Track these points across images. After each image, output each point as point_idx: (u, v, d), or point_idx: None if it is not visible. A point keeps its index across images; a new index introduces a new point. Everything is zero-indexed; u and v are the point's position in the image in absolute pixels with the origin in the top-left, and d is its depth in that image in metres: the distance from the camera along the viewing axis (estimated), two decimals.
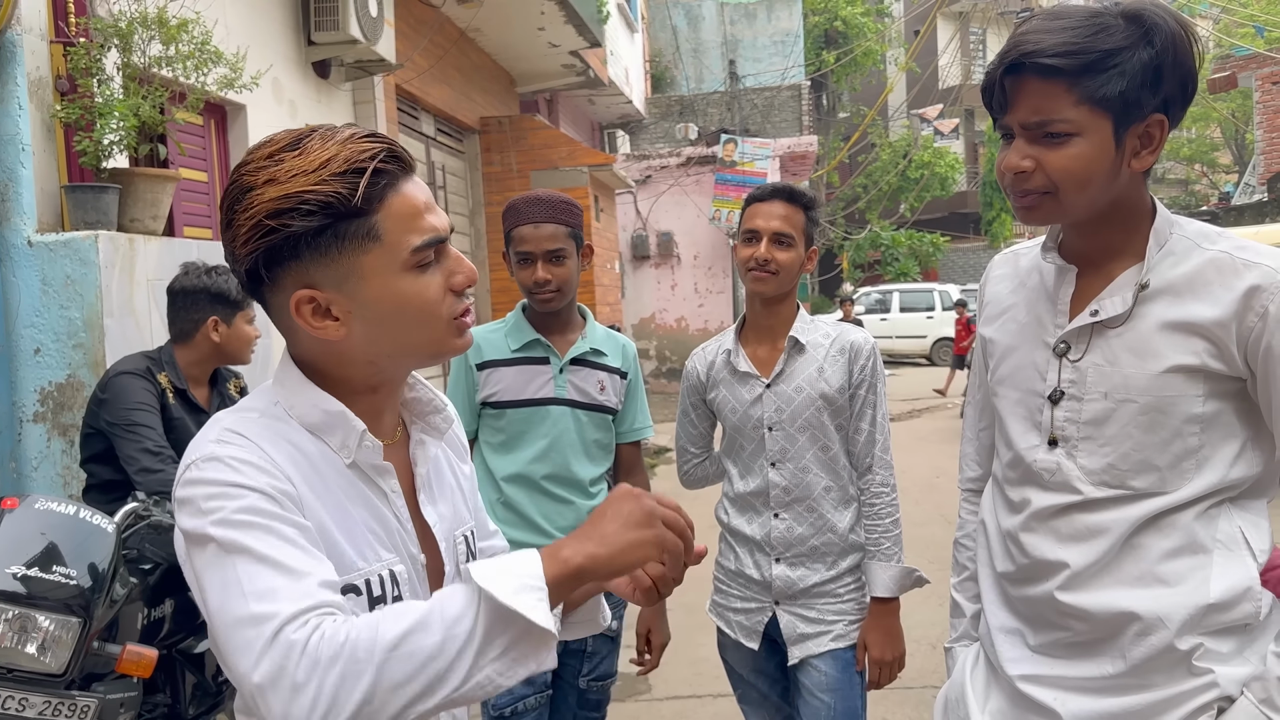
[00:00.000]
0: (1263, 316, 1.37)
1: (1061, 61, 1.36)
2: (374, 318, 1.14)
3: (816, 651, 2.36)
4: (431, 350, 1.19)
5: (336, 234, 1.10)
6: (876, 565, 2.35)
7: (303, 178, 1.08)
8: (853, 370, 2.38)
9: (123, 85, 3.88)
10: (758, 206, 2.41)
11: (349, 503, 1.17)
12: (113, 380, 2.96)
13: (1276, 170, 15.03)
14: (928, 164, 27.01)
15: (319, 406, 1.17)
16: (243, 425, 1.13)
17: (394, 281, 1.13)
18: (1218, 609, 1.41)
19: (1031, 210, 1.47)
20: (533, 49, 10.93)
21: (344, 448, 1.17)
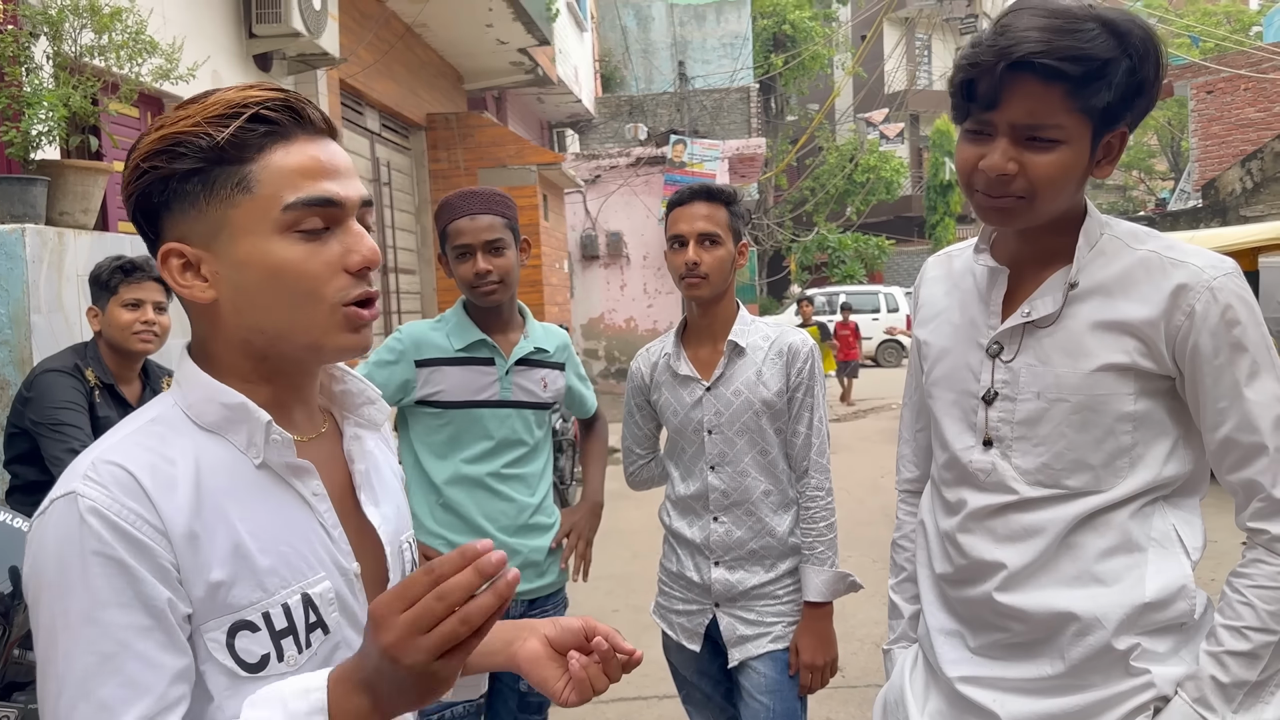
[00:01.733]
0: (1189, 316, 1.39)
1: (1067, 66, 1.32)
2: (242, 284, 1.02)
3: (755, 653, 2.36)
4: (310, 339, 1.03)
5: (205, 180, 1.00)
6: (810, 569, 2.34)
7: (185, 121, 1.00)
8: (790, 373, 2.36)
9: (53, 74, 3.76)
10: (679, 211, 2.39)
11: (261, 515, 1.03)
12: (39, 378, 2.87)
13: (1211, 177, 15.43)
14: (874, 168, 27.30)
15: (215, 400, 1.03)
16: (120, 449, 0.98)
17: (265, 243, 1.01)
18: (1153, 608, 1.42)
19: (1004, 213, 1.44)
20: (480, 45, 10.85)
21: (250, 446, 1.04)
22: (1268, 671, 1.35)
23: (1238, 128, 16.70)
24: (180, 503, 0.97)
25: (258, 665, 1.00)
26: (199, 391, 1.04)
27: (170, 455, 0.99)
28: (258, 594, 1.01)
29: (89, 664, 0.90)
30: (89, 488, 0.94)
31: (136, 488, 0.95)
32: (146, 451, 0.98)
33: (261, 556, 1.01)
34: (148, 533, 0.94)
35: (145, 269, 2.99)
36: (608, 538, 6.87)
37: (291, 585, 1.03)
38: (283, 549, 1.04)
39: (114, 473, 0.95)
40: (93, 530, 0.92)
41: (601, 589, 5.59)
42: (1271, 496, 1.37)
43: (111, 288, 2.95)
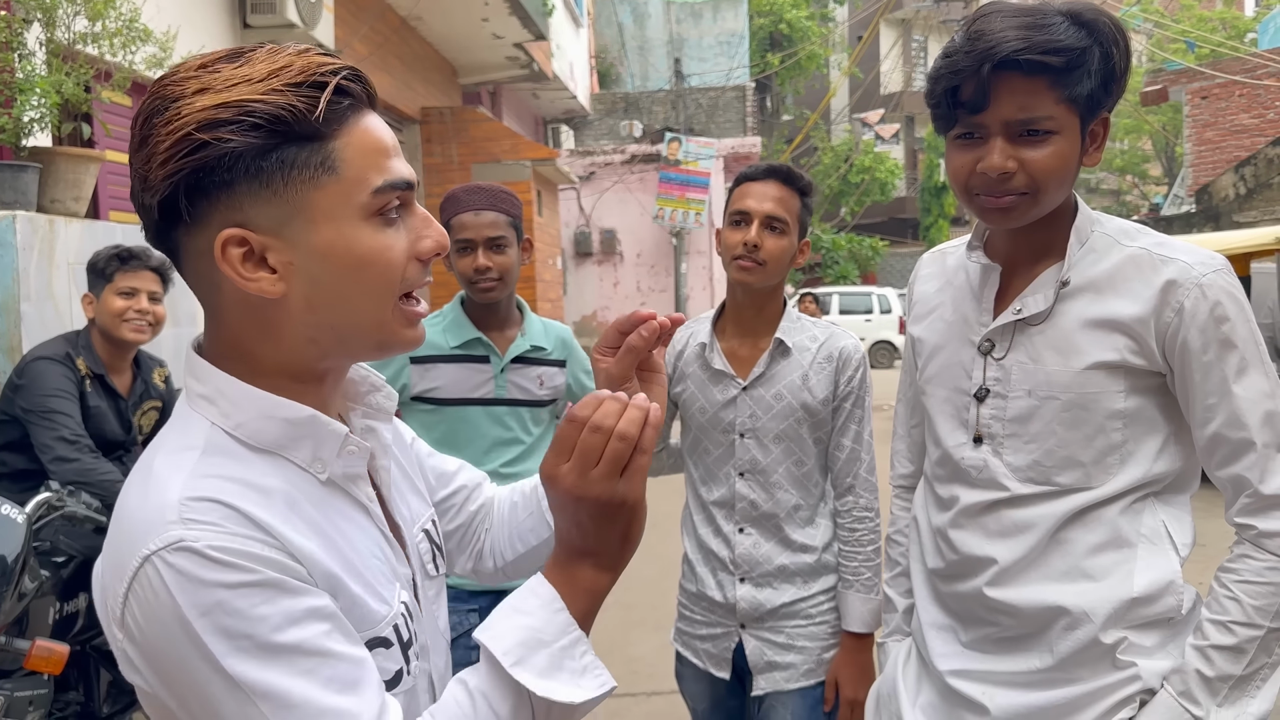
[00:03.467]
0: (1179, 312, 1.39)
1: (1051, 59, 1.35)
2: (321, 275, 0.89)
3: (786, 688, 2.15)
4: (378, 338, 0.93)
5: (283, 159, 0.86)
6: (854, 596, 2.12)
7: (246, 86, 0.86)
8: (839, 380, 2.16)
9: (45, 61, 3.75)
10: (749, 186, 2.15)
11: (343, 534, 0.93)
12: (29, 365, 2.85)
13: (1204, 182, 15.49)
14: (868, 169, 27.35)
15: (277, 416, 0.91)
16: (201, 485, 0.85)
17: (350, 230, 0.89)
18: (1141, 603, 1.43)
19: (1008, 211, 1.44)
20: (476, 40, 10.83)
21: (315, 461, 0.93)
22: (1253, 666, 1.36)
23: (1232, 133, 16.76)
24: (290, 529, 0.87)
25: (392, 682, 0.93)
26: (251, 408, 0.91)
27: (252, 482, 0.88)
28: (384, 608, 0.94)
29: (301, 686, 0.81)
30: (197, 531, 0.81)
31: (242, 518, 0.84)
32: (228, 482, 0.86)
33: (367, 571, 0.94)
34: (280, 554, 0.84)
35: (142, 258, 2.99)
36: None
37: (397, 595, 0.97)
38: (374, 562, 0.96)
39: (213, 508, 0.83)
40: (229, 565, 0.80)
41: None
42: (1259, 492, 1.37)
43: (107, 275, 2.94)
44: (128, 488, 0.89)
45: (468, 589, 2.43)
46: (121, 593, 0.82)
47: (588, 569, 0.91)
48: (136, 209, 0.91)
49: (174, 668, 0.81)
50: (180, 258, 0.92)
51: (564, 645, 0.88)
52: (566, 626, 0.89)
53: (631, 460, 0.88)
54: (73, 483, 2.65)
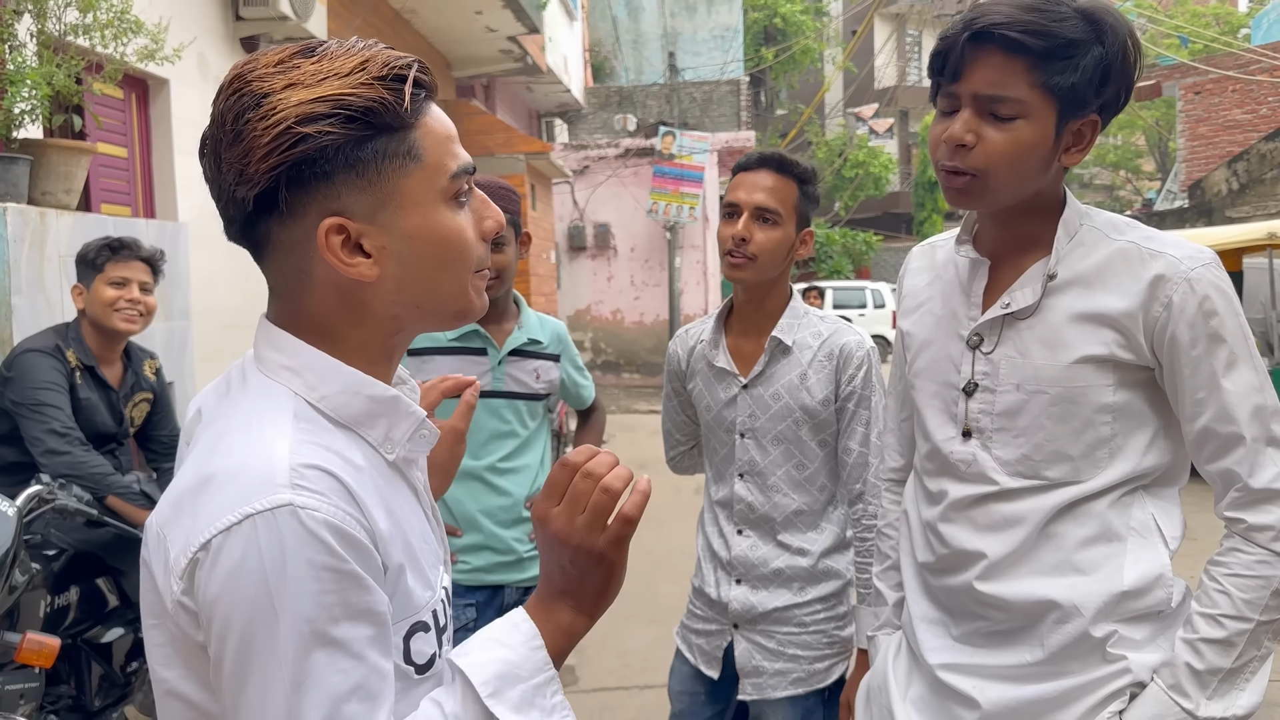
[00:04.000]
0: (1167, 307, 1.39)
1: (1030, 40, 1.34)
2: (411, 257, 0.95)
3: (773, 696, 2.10)
4: (456, 307, 0.99)
5: (377, 149, 0.91)
6: (865, 612, 1.98)
7: (336, 80, 0.90)
8: (840, 379, 2.07)
9: (36, 53, 3.73)
10: (741, 176, 2.08)
11: (404, 517, 0.98)
12: (19, 358, 2.84)
13: (1197, 178, 15.52)
14: (862, 163, 27.36)
15: (363, 393, 0.96)
16: (308, 451, 0.89)
17: (434, 213, 0.95)
18: (1131, 596, 1.43)
19: (961, 193, 1.45)
20: (469, 33, 10.80)
21: (387, 441, 0.98)
22: (1242, 659, 1.36)
23: (1224, 129, 16.79)
24: (374, 506, 0.91)
25: (427, 665, 0.98)
26: (338, 383, 0.95)
27: (345, 454, 0.92)
28: (427, 593, 0.98)
29: (334, 682, 0.84)
30: (306, 497, 0.85)
31: (344, 491, 0.88)
32: (328, 451, 0.90)
33: (421, 554, 0.99)
34: (366, 538, 0.88)
35: (133, 248, 2.98)
36: None
37: (437, 583, 1.01)
38: (424, 545, 1.01)
39: (322, 478, 0.87)
40: (324, 543, 0.84)
41: None
42: (1249, 486, 1.38)
43: (98, 265, 2.94)
44: (221, 438, 0.91)
45: (465, 584, 2.43)
46: (202, 540, 0.85)
47: (567, 611, 0.95)
48: (223, 203, 0.94)
49: (233, 625, 0.84)
50: (267, 248, 0.95)
51: (538, 683, 0.91)
52: (543, 665, 0.92)
53: (615, 522, 0.93)
54: (64, 476, 2.64)
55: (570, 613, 0.96)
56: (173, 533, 0.88)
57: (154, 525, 0.91)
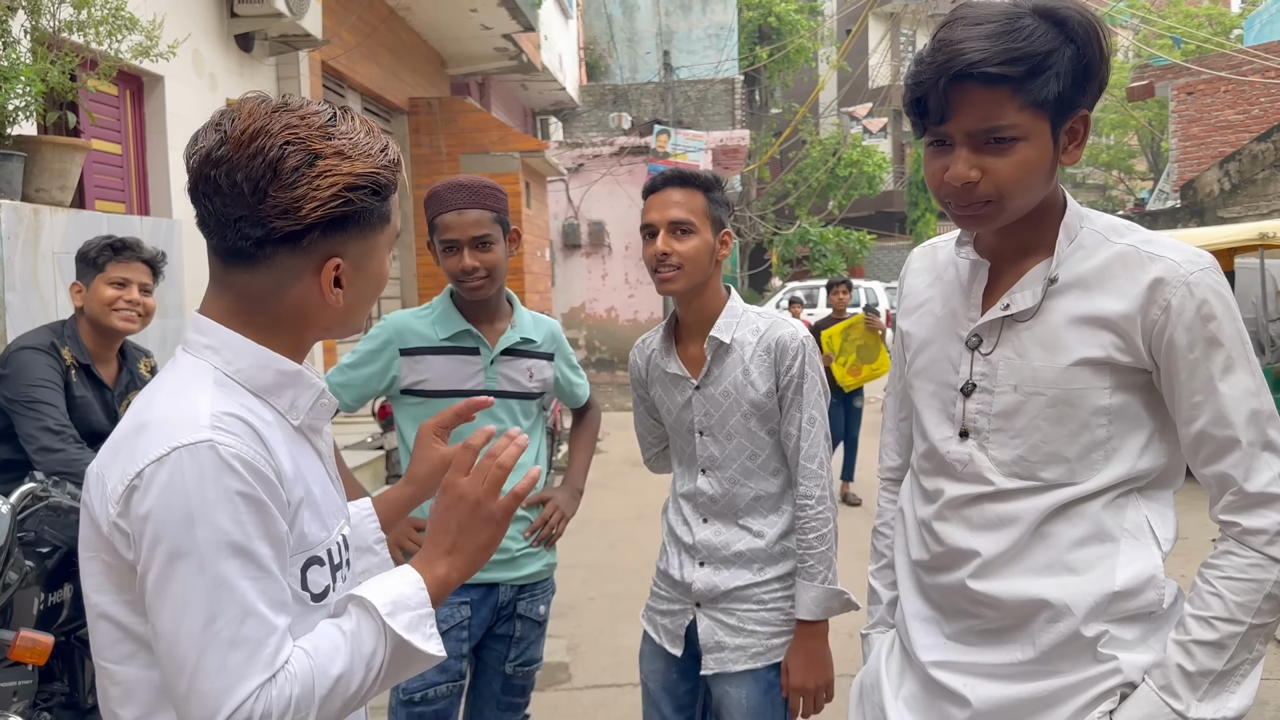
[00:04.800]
0: (1165, 310, 1.39)
1: (1008, 69, 1.34)
2: (363, 288, 1.23)
3: (733, 669, 2.21)
4: (361, 324, 1.29)
5: (379, 214, 1.20)
6: (800, 584, 2.16)
7: (367, 160, 1.17)
8: (779, 371, 2.18)
9: (31, 49, 3.72)
10: (651, 199, 2.21)
11: (306, 469, 1.20)
12: (14, 355, 2.84)
13: (1189, 178, 15.56)
14: (856, 162, 27.38)
15: (272, 367, 1.19)
16: (227, 403, 1.12)
17: (383, 258, 1.25)
18: (1122, 597, 1.43)
19: (977, 219, 1.45)
20: (464, 30, 10.79)
21: (293, 409, 1.22)
22: (1234, 661, 1.36)
23: (1217, 129, 16.84)
24: (279, 451, 1.14)
25: (321, 595, 1.20)
26: (250, 358, 1.18)
27: (257, 411, 1.16)
28: (323, 533, 1.21)
29: (248, 587, 1.06)
30: (225, 436, 1.08)
31: (255, 435, 1.11)
32: (242, 407, 1.13)
33: (320, 502, 1.21)
34: (272, 474, 1.11)
35: (135, 249, 2.97)
36: (585, 526, 6.87)
37: (334, 528, 1.24)
38: (325, 497, 1.23)
39: (237, 423, 1.10)
40: (237, 473, 1.06)
41: (577, 578, 5.59)
42: (1244, 490, 1.38)
43: (99, 265, 2.93)
44: (152, 399, 1.14)
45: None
46: (137, 469, 1.07)
47: (444, 566, 1.22)
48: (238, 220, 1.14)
49: (160, 542, 1.05)
50: (262, 263, 1.17)
51: (422, 614, 1.17)
52: (425, 603, 1.18)
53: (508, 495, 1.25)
54: (57, 473, 2.63)
55: (446, 568, 1.22)
56: (110, 470, 1.10)
57: (94, 468, 1.14)
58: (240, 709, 1.04)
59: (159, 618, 1.05)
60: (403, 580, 1.18)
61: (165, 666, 1.07)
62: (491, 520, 1.23)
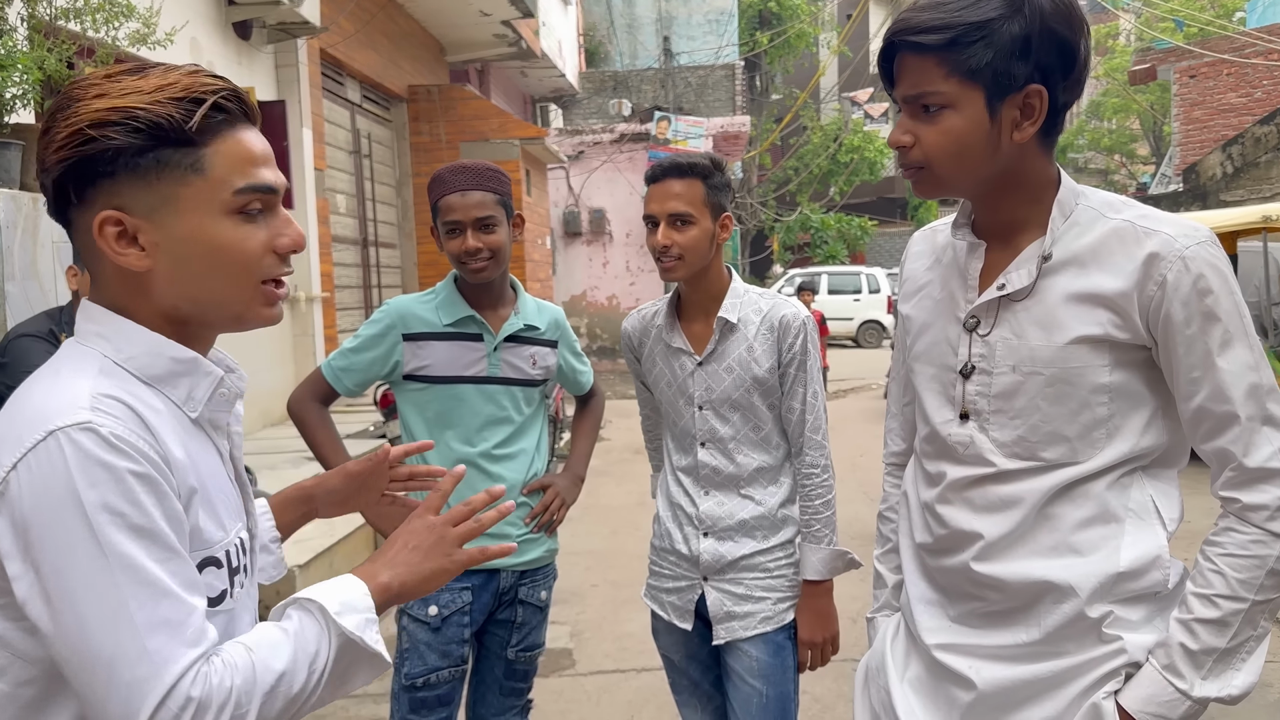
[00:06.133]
0: (1161, 285, 1.38)
1: (927, 38, 1.39)
2: (182, 256, 1.09)
3: (744, 635, 2.29)
4: (235, 311, 1.14)
5: (159, 158, 1.07)
6: (807, 547, 2.29)
7: (136, 95, 1.05)
8: (781, 348, 2.28)
9: (27, 37, 3.71)
10: (651, 189, 2.27)
11: (202, 464, 1.12)
12: (13, 343, 2.84)
13: (1192, 161, 15.52)
14: (857, 148, 27.32)
15: (164, 354, 1.11)
16: (109, 386, 1.04)
17: (210, 223, 1.10)
18: (1127, 577, 1.43)
19: (916, 185, 1.52)
20: (463, 16, 10.75)
21: (189, 400, 1.13)
22: (1237, 639, 1.36)
23: (1219, 112, 16.79)
24: (169, 440, 1.06)
25: (218, 599, 1.11)
26: (141, 345, 1.10)
27: (144, 398, 1.07)
28: (220, 533, 1.12)
29: (157, 569, 0.98)
30: (104, 418, 1.00)
31: (138, 419, 1.03)
32: (126, 393, 1.05)
33: (215, 500, 1.13)
34: (157, 460, 1.02)
35: None
36: (587, 513, 6.89)
37: (232, 529, 1.16)
38: (221, 496, 1.15)
39: (118, 407, 1.02)
40: (123, 452, 0.98)
41: (580, 564, 5.61)
42: (1243, 466, 1.37)
43: None
44: (29, 387, 1.06)
45: None
46: (10, 463, 0.98)
47: (387, 575, 1.17)
48: (40, 189, 1.11)
49: (47, 534, 0.96)
50: (71, 231, 1.11)
51: (369, 618, 1.12)
52: (371, 608, 1.13)
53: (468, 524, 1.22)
54: None
55: (389, 577, 1.17)
56: None
57: None
58: (173, 692, 0.95)
59: (58, 618, 0.95)
60: (347, 586, 1.13)
61: (75, 671, 0.96)
62: (447, 554, 1.20)
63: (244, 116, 1.13)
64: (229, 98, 1.10)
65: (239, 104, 1.11)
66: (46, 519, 0.96)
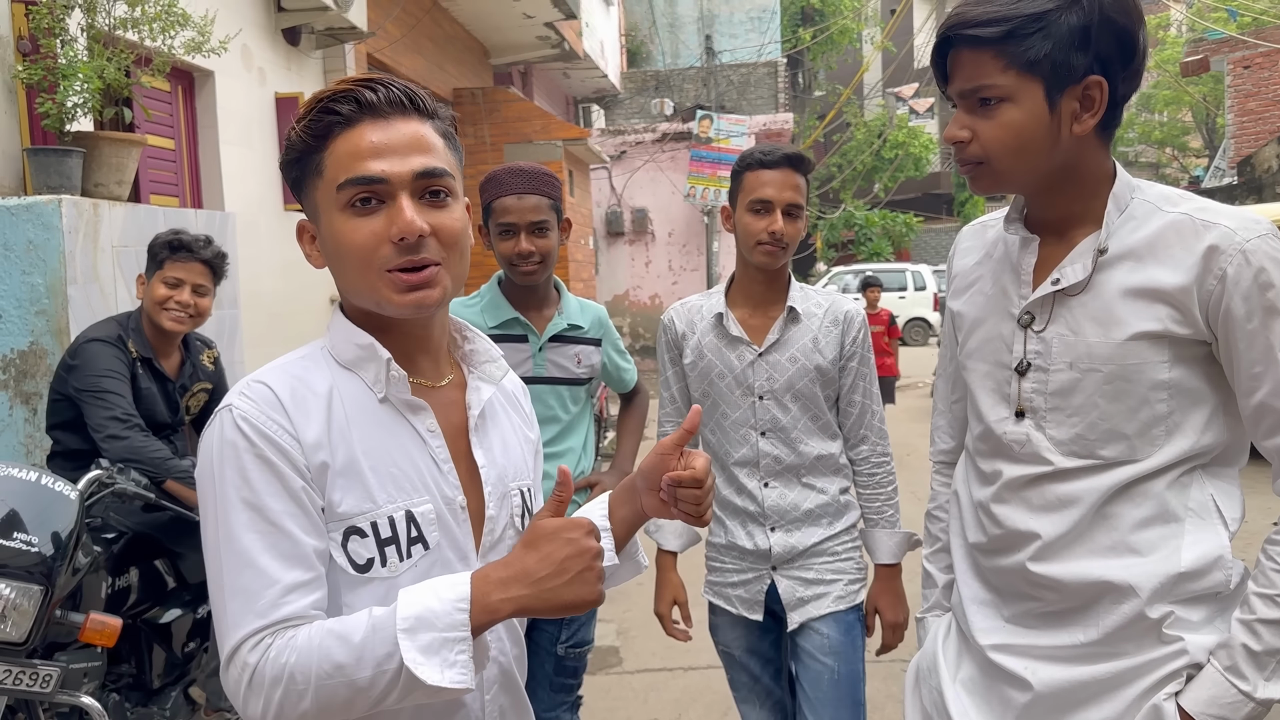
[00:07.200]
0: (1221, 279, 1.37)
1: (985, 30, 1.39)
2: (329, 254, 1.22)
3: (816, 614, 2.34)
4: (372, 299, 1.20)
5: (303, 168, 1.20)
6: (880, 533, 2.38)
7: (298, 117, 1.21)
8: (845, 341, 2.35)
9: (87, 47, 3.80)
10: (765, 174, 2.28)
11: (379, 440, 1.20)
12: (83, 346, 2.91)
13: (1246, 154, 15.18)
14: (902, 144, 27.05)
15: (351, 340, 1.22)
16: (270, 373, 1.19)
17: (333, 218, 1.18)
18: (1188, 577, 1.41)
19: (973, 180, 1.51)
20: (507, 19, 10.81)
21: (376, 382, 1.21)
22: None
23: (1275, 103, 16.40)
24: (311, 419, 1.16)
25: (364, 567, 1.17)
26: (340, 334, 1.24)
27: (309, 381, 1.19)
28: (367, 504, 1.17)
29: (251, 540, 1.10)
30: (242, 401, 1.14)
31: (277, 403, 1.15)
32: (290, 377, 1.19)
33: (372, 474, 1.18)
34: (286, 440, 1.13)
35: (193, 249, 2.99)
36: None
37: (397, 502, 1.19)
38: (393, 471, 1.20)
39: (261, 390, 1.16)
40: (245, 435, 1.12)
41: None
42: None
43: (159, 261, 2.99)
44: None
45: None
46: (207, 430, 1.17)
47: (500, 591, 1.10)
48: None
49: (203, 488, 1.15)
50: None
51: (449, 638, 1.07)
52: (459, 625, 1.07)
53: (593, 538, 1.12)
54: (123, 460, 2.70)
55: (502, 599, 1.09)
56: None
57: None
58: (239, 652, 1.08)
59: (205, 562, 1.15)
60: (447, 595, 1.08)
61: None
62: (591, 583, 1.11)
63: (368, 111, 1.17)
64: (342, 100, 1.17)
65: (354, 105, 1.17)
66: (202, 480, 1.15)
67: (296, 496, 1.12)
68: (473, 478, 1.28)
